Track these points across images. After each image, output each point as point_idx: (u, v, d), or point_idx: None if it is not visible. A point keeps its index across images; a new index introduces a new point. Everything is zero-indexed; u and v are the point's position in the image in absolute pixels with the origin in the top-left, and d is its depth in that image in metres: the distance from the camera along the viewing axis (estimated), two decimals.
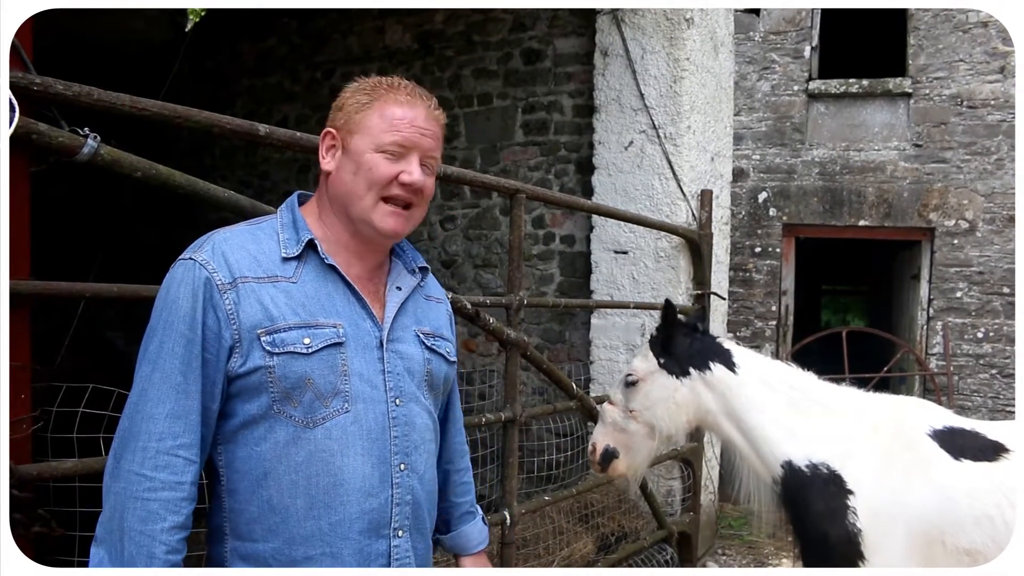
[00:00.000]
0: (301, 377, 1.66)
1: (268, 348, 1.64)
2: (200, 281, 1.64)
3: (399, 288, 1.87)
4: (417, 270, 1.93)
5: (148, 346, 1.65)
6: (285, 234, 1.76)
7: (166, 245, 8.16)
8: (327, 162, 1.80)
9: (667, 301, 3.39)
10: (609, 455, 3.39)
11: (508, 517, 3.78)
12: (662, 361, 3.29)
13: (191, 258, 1.68)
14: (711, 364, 3.23)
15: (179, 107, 2.40)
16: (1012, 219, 8.75)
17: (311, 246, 1.75)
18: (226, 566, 1.69)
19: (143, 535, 1.54)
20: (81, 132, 2.13)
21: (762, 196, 9.53)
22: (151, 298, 2.41)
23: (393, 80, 1.83)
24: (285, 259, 1.72)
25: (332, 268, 1.75)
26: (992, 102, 8.86)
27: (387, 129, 1.75)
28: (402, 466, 1.76)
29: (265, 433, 1.66)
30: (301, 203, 1.85)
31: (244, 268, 1.68)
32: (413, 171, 1.75)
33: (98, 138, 2.14)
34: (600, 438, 3.44)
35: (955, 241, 8.94)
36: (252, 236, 1.74)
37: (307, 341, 1.67)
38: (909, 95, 9.09)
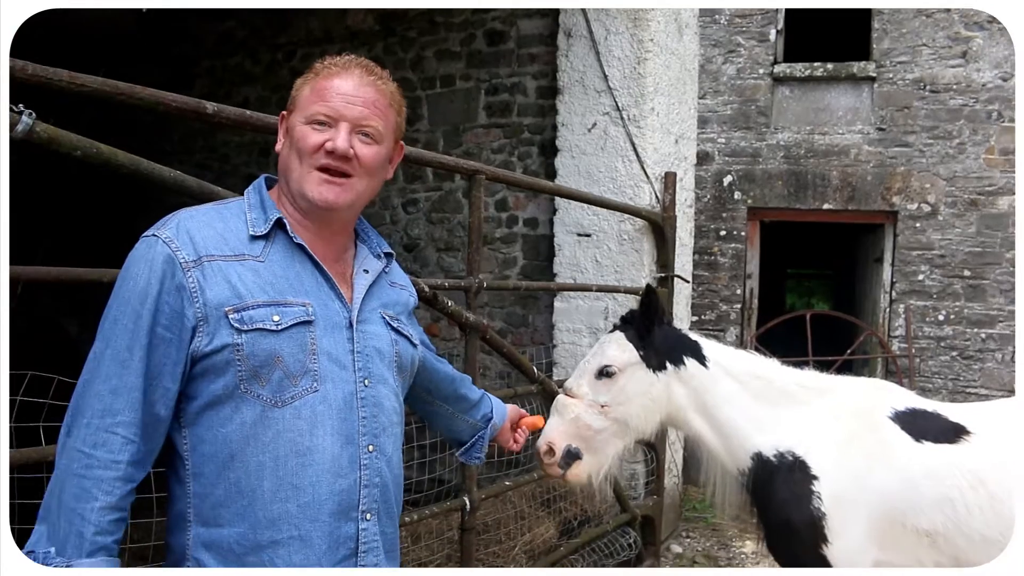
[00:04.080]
0: (270, 354, 1.65)
1: (236, 325, 1.63)
2: (160, 258, 1.63)
3: (366, 271, 1.88)
4: (383, 255, 1.95)
5: (104, 323, 1.64)
6: (253, 214, 1.76)
7: (121, 231, 8.03)
8: (278, 144, 1.83)
9: (648, 287, 3.15)
10: (572, 456, 2.95)
11: (468, 503, 3.75)
12: (642, 353, 3.04)
13: (153, 235, 1.66)
14: (684, 358, 3.06)
15: (121, 83, 2.31)
16: (973, 203, 8.82)
17: (280, 225, 1.76)
18: (188, 556, 1.66)
19: (74, 513, 1.53)
20: (15, 108, 2.04)
21: (727, 179, 9.53)
22: (93, 281, 2.35)
23: (338, 57, 1.83)
24: (253, 237, 1.72)
25: (300, 247, 1.76)
26: (954, 87, 8.90)
27: (315, 100, 1.77)
28: (370, 448, 1.76)
29: (231, 413, 1.65)
30: (269, 187, 1.86)
31: (210, 246, 1.67)
32: (337, 139, 1.75)
33: (33, 115, 2.06)
34: (558, 436, 2.95)
35: (917, 224, 8.99)
36: (219, 215, 1.75)
37: (276, 318, 1.67)
38: (873, 79, 9.11)
